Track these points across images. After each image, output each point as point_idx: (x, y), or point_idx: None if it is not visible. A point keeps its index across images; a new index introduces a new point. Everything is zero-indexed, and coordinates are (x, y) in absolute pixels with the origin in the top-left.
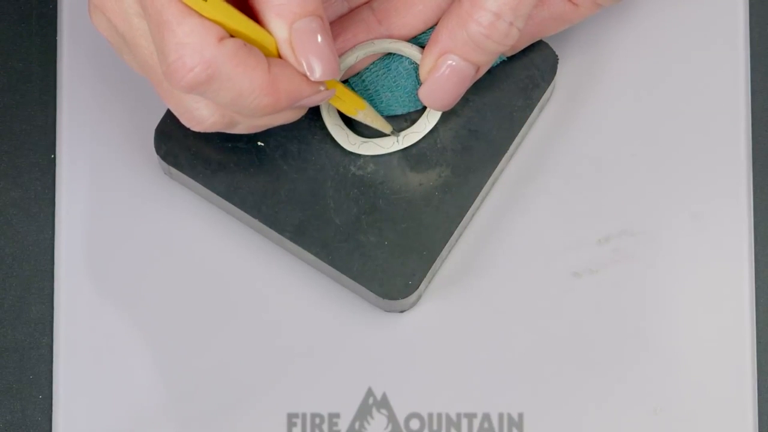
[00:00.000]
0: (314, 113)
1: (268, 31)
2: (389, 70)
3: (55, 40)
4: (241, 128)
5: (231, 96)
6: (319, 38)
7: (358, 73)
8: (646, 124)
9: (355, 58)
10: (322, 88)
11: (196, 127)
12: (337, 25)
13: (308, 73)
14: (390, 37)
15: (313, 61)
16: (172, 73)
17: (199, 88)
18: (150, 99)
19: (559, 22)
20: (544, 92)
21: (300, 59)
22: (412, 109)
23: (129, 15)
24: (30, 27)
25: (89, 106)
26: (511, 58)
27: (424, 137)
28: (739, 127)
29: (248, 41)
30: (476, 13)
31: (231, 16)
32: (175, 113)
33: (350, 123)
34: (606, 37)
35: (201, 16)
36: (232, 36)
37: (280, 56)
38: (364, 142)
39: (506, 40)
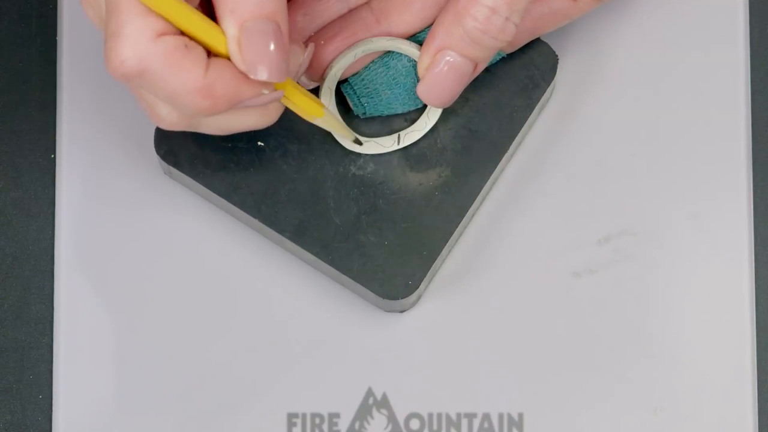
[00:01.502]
0: None
1: (222, 29)
2: (388, 68)
3: (55, 40)
4: (204, 129)
5: (165, 94)
6: (271, 41)
7: (357, 72)
8: (646, 124)
9: (354, 56)
10: (266, 91)
11: (160, 125)
12: (336, 24)
13: (250, 74)
14: (389, 35)
15: (257, 62)
16: (106, 61)
17: (132, 81)
18: None
19: (558, 17)
20: (544, 92)
21: (244, 58)
22: (412, 108)
23: (100, 4)
24: (30, 27)
25: (89, 106)
26: (511, 57)
27: (424, 137)
28: (739, 127)
29: (196, 38)
30: (472, 9)
31: (180, 11)
32: (141, 109)
33: (350, 123)
34: (606, 37)
35: (147, 8)
36: (182, 33)
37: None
38: (365, 141)
39: (503, 35)
